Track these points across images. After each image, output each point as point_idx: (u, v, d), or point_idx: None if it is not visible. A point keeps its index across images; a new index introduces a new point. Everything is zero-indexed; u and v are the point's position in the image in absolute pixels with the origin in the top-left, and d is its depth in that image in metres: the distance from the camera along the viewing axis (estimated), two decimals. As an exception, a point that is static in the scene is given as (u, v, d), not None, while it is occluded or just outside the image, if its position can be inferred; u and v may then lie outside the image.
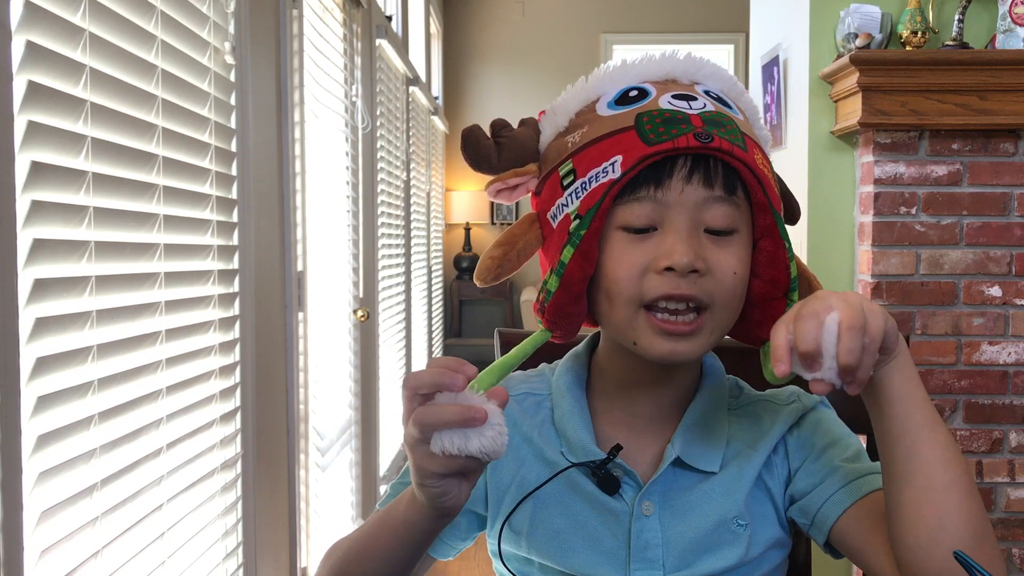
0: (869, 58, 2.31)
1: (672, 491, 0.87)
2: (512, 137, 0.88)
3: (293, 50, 2.08)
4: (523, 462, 0.91)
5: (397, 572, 0.84)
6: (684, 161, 0.80)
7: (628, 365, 0.89)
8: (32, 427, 1.02)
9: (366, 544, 0.85)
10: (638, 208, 0.80)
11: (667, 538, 0.86)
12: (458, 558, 3.40)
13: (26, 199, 1.01)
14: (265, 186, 1.89)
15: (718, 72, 0.88)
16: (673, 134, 0.79)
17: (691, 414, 0.89)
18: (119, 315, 1.23)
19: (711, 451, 0.88)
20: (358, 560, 0.85)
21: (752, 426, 0.90)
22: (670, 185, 0.79)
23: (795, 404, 0.92)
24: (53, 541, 1.06)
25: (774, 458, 0.89)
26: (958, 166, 2.43)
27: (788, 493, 0.89)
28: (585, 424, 0.89)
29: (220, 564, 1.62)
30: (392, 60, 3.63)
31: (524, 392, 0.94)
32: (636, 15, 6.51)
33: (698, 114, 0.81)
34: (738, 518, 0.87)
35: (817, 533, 0.86)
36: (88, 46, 1.15)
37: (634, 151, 0.80)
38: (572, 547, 0.88)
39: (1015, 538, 2.46)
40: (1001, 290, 2.45)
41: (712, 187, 0.80)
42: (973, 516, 0.74)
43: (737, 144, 0.80)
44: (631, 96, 0.84)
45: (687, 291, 0.79)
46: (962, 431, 2.46)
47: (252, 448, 1.74)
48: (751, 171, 0.81)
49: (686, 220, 0.80)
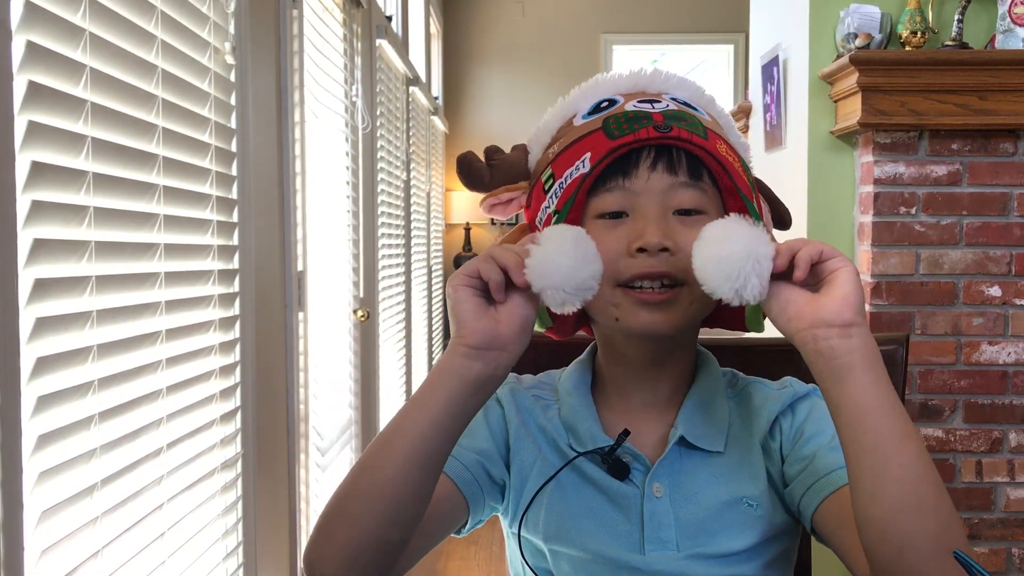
0: (869, 58, 2.31)
1: (680, 472, 0.90)
2: (503, 159, 0.96)
3: (293, 50, 2.08)
4: (540, 447, 0.94)
5: (420, 463, 0.79)
6: (648, 152, 0.86)
7: (623, 359, 0.93)
8: (32, 427, 1.02)
9: (387, 442, 0.80)
10: (609, 198, 0.87)
11: (679, 518, 0.89)
12: (458, 558, 3.41)
13: (26, 199, 1.02)
14: (265, 186, 1.89)
15: (685, 83, 0.95)
16: (635, 128, 0.86)
17: (692, 399, 0.93)
18: (119, 315, 1.23)
19: (714, 431, 0.91)
20: (374, 461, 0.80)
21: (747, 408, 0.94)
22: (636, 174, 0.86)
23: (787, 389, 0.94)
24: (53, 541, 1.06)
25: (771, 443, 0.92)
26: (958, 166, 2.43)
27: (783, 478, 0.91)
28: (592, 416, 0.93)
29: (220, 564, 1.62)
30: (392, 60, 3.63)
31: (534, 395, 0.98)
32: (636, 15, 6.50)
33: (660, 112, 0.88)
34: (748, 499, 0.89)
35: (803, 520, 0.89)
36: (88, 46, 1.15)
37: (600, 147, 0.87)
38: (587, 531, 0.90)
39: (1015, 538, 2.46)
40: (1001, 290, 2.45)
41: (676, 174, 0.86)
42: (941, 529, 0.73)
43: (696, 134, 0.86)
44: (602, 107, 0.92)
45: (660, 268, 0.84)
46: (962, 431, 2.46)
47: (252, 448, 1.74)
48: (713, 158, 0.86)
49: (655, 205, 0.86)
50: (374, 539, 0.79)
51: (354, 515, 0.79)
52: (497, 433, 0.95)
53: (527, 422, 0.95)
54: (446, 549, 3.48)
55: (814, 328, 0.74)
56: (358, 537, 0.79)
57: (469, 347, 0.77)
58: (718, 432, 0.91)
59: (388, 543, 0.80)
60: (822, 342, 0.74)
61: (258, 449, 1.79)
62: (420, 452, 0.78)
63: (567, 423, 0.94)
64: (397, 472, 0.78)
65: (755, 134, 3.19)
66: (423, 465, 0.79)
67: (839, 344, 0.73)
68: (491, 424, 0.96)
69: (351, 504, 0.79)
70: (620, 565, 0.89)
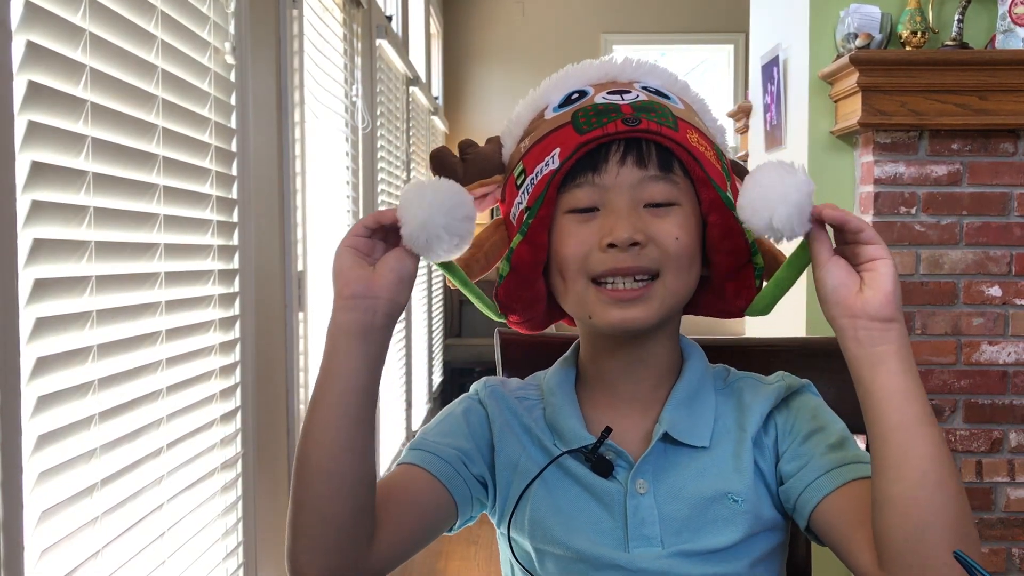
0: (869, 58, 2.31)
1: (664, 468, 0.90)
2: (476, 153, 0.95)
3: (293, 50, 2.08)
4: (525, 447, 0.93)
5: (347, 425, 0.80)
6: (617, 146, 0.85)
7: (603, 353, 0.93)
8: (32, 427, 1.02)
9: (310, 417, 0.81)
10: (579, 193, 0.86)
11: (663, 515, 0.88)
12: (458, 558, 3.41)
13: (26, 199, 1.01)
14: (265, 186, 1.89)
15: (656, 70, 0.94)
16: (603, 122, 0.86)
17: (677, 392, 0.92)
18: (119, 315, 1.23)
19: (699, 426, 0.90)
20: (306, 440, 0.81)
21: (738, 403, 0.93)
22: (606, 169, 0.85)
23: (780, 384, 0.94)
24: (53, 541, 1.06)
25: (764, 439, 0.91)
26: (958, 166, 2.43)
27: (777, 475, 0.90)
28: (575, 414, 0.93)
29: (220, 564, 1.62)
30: (392, 60, 3.63)
31: (519, 396, 0.97)
32: (636, 15, 6.50)
33: (629, 103, 0.87)
34: (732, 494, 0.88)
35: (799, 518, 0.88)
36: (88, 46, 1.15)
37: (569, 142, 0.86)
38: (572, 529, 0.89)
39: (1015, 538, 2.46)
40: (1001, 290, 2.45)
41: (646, 167, 0.85)
42: (960, 515, 0.75)
43: (666, 125, 0.86)
44: (572, 98, 0.91)
45: (631, 264, 0.84)
46: (962, 431, 2.46)
47: (252, 448, 1.74)
48: (684, 149, 0.86)
49: (625, 199, 0.85)
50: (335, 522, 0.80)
51: (310, 504, 0.80)
52: (479, 434, 0.95)
53: (511, 423, 0.94)
54: (446, 549, 3.48)
55: (856, 319, 0.77)
56: (319, 525, 0.80)
57: (344, 298, 0.80)
58: (704, 426, 0.91)
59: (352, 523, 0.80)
60: (862, 332, 0.77)
61: (258, 449, 1.79)
62: (343, 415, 0.80)
63: (551, 422, 0.93)
64: (330, 443, 0.80)
65: (755, 134, 3.19)
66: (350, 427, 0.80)
67: (878, 336, 0.77)
68: (472, 425, 0.95)
69: (303, 494, 0.81)
70: (604, 564, 0.88)
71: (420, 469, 0.90)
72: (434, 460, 0.91)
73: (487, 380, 0.99)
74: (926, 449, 0.75)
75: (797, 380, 0.95)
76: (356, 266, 0.80)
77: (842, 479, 0.84)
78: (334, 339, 0.80)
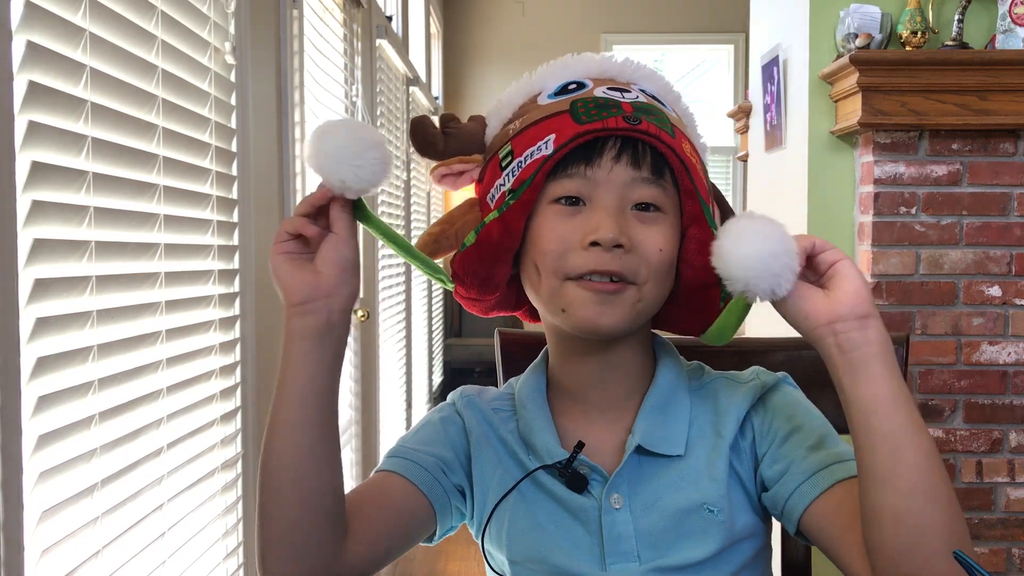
0: (869, 58, 2.31)
1: (639, 481, 0.87)
2: (459, 128, 0.92)
3: (293, 50, 2.09)
4: (501, 459, 0.92)
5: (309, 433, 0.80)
6: (614, 142, 0.83)
7: (572, 359, 0.91)
8: (32, 427, 1.02)
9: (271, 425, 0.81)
10: (569, 183, 0.84)
11: (639, 529, 0.86)
12: (458, 558, 3.41)
13: (26, 199, 1.02)
14: (265, 186, 1.89)
15: (654, 76, 0.93)
16: (604, 116, 0.84)
17: (650, 400, 0.89)
18: (119, 315, 1.23)
19: (673, 434, 0.88)
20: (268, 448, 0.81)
21: (713, 406, 0.90)
22: (600, 163, 0.83)
23: (754, 382, 0.91)
24: (53, 541, 1.06)
25: (741, 443, 0.89)
26: (958, 166, 2.43)
27: (758, 479, 0.88)
28: (548, 427, 0.90)
29: (220, 564, 1.62)
30: (392, 60, 3.63)
31: (495, 407, 0.95)
32: (636, 15, 6.50)
33: (630, 102, 0.86)
34: (708, 504, 0.86)
35: (787, 524, 0.86)
36: (88, 46, 1.15)
37: (566, 130, 0.84)
38: (549, 546, 0.88)
39: (1015, 538, 2.46)
40: (1001, 290, 2.45)
41: (639, 168, 0.83)
42: (953, 520, 0.73)
43: (665, 130, 0.84)
44: (570, 88, 0.88)
45: (612, 266, 0.82)
46: (962, 431, 2.46)
47: (252, 448, 1.74)
48: (678, 157, 0.84)
49: (614, 198, 0.83)
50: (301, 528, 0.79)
51: (276, 513, 0.80)
52: (457, 444, 0.93)
53: (488, 434, 0.93)
54: (446, 549, 3.48)
55: (832, 323, 0.75)
56: (285, 532, 0.79)
57: (294, 305, 0.79)
58: (678, 433, 0.88)
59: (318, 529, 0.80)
60: (841, 336, 0.75)
61: (258, 449, 1.78)
62: (303, 422, 0.79)
63: (524, 437, 0.91)
64: (292, 452, 0.79)
65: (755, 134, 3.19)
66: (312, 431, 0.79)
67: (858, 336, 0.75)
68: (450, 435, 0.93)
69: (267, 502, 0.80)
70: None
71: (398, 476, 0.89)
72: (412, 467, 0.89)
73: (463, 390, 0.97)
74: (916, 458, 0.73)
75: (772, 375, 0.92)
76: (296, 271, 0.79)
77: (826, 483, 0.83)
78: (289, 345, 0.79)
